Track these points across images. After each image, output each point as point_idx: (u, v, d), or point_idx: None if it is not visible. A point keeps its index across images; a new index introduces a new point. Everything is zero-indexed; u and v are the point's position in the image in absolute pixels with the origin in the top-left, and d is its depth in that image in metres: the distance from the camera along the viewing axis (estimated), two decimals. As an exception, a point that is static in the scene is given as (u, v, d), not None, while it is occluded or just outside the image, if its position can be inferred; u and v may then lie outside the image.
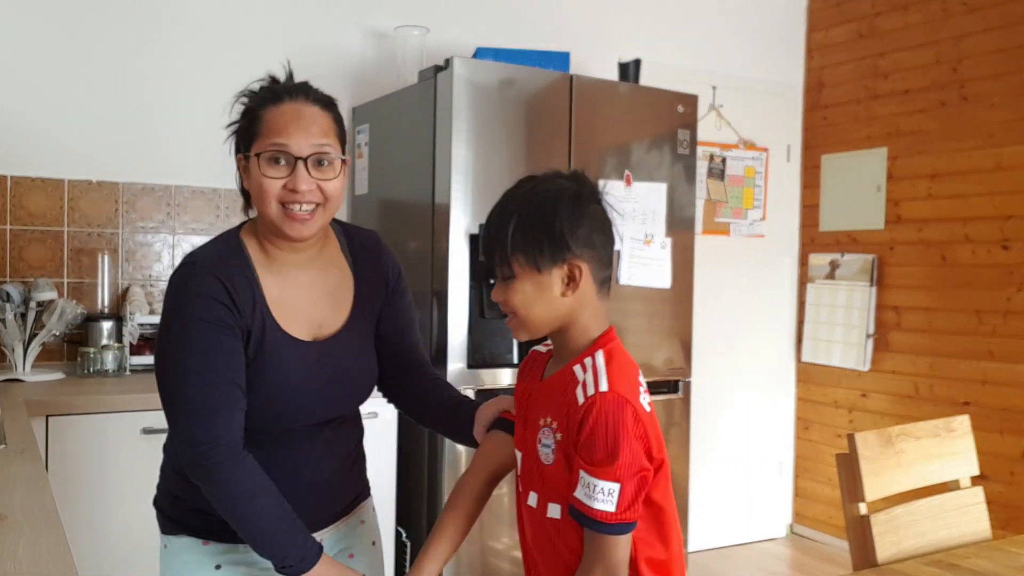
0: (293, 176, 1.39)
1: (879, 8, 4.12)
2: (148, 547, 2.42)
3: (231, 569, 1.48)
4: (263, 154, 1.40)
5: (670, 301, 3.09)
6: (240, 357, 1.39)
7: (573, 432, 1.24)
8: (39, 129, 2.94)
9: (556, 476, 1.27)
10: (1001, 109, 3.61)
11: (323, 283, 1.51)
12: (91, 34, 3.01)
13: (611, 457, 1.20)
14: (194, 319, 1.36)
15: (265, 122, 1.42)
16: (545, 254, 1.27)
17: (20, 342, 2.68)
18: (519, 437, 1.38)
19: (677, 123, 3.11)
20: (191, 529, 1.47)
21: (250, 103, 1.48)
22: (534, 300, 1.28)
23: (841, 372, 4.25)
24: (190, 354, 1.36)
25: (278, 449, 1.45)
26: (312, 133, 1.41)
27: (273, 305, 1.43)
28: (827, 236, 4.35)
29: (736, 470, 4.35)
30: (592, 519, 1.20)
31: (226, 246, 1.46)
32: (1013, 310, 3.55)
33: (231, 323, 1.38)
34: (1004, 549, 1.76)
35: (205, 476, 1.35)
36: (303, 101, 1.44)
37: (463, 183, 2.70)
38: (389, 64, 3.40)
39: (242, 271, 1.42)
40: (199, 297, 1.37)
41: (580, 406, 1.23)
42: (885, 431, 1.89)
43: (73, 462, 2.33)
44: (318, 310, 1.49)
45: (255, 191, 1.42)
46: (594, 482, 1.20)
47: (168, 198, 3.13)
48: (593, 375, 1.26)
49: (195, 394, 1.35)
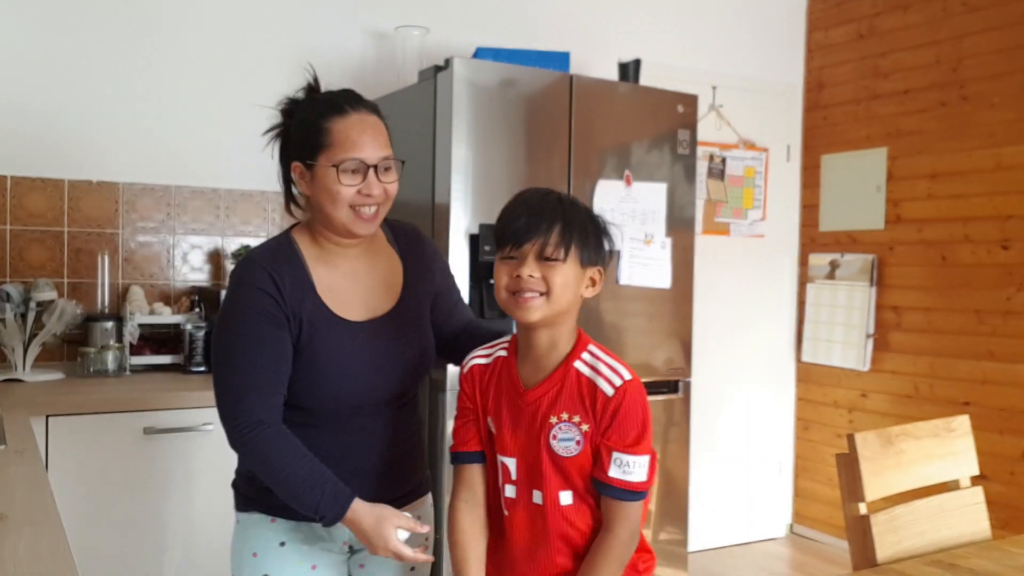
0: (367, 183, 1.54)
1: (879, 8, 4.12)
2: (148, 546, 2.44)
3: (294, 546, 1.59)
4: (341, 165, 1.52)
5: (670, 301, 3.09)
6: (282, 346, 1.52)
7: (604, 420, 1.40)
8: (39, 129, 2.94)
9: (577, 465, 1.42)
10: (1001, 109, 3.61)
11: (374, 270, 1.65)
12: (91, 35, 3.01)
13: (641, 435, 1.40)
14: (241, 307, 1.53)
15: (333, 134, 1.53)
16: (594, 255, 1.46)
17: (20, 342, 2.68)
18: (511, 446, 1.47)
19: (677, 123, 3.11)
20: (262, 506, 1.59)
21: (306, 114, 1.59)
22: (569, 286, 1.43)
23: (841, 372, 4.25)
24: (234, 338, 1.52)
25: (336, 432, 1.58)
26: (379, 144, 1.56)
27: (324, 292, 1.57)
28: (827, 236, 4.35)
29: (736, 470, 4.35)
30: (628, 491, 1.39)
31: (276, 243, 1.61)
32: (1013, 310, 3.55)
33: (275, 313, 1.52)
34: (1004, 549, 1.76)
35: (241, 447, 1.51)
36: (364, 112, 1.57)
37: (463, 183, 2.70)
38: (389, 64, 3.40)
39: (291, 263, 1.56)
40: (247, 286, 1.53)
41: (612, 397, 1.40)
42: (885, 431, 1.90)
43: (73, 462, 2.34)
44: (371, 295, 1.63)
45: (327, 197, 1.54)
46: (630, 459, 1.39)
47: (168, 198, 3.13)
48: (607, 368, 1.43)
49: (234, 374, 1.51)
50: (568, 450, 1.42)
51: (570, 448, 1.42)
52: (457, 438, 1.55)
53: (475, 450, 1.53)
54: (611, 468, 1.39)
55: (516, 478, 1.47)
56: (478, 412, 1.53)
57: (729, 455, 4.33)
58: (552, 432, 1.42)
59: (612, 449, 1.39)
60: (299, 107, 1.61)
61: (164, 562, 2.46)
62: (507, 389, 1.49)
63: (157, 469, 2.43)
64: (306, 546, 1.59)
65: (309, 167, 1.56)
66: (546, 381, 1.45)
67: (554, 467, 1.43)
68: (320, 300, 1.56)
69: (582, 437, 1.41)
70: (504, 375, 1.50)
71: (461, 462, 1.55)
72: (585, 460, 1.42)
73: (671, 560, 3.14)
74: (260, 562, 1.59)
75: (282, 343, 1.52)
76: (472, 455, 1.53)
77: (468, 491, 1.53)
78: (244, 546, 1.61)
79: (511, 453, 1.47)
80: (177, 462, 2.47)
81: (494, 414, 1.50)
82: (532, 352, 1.47)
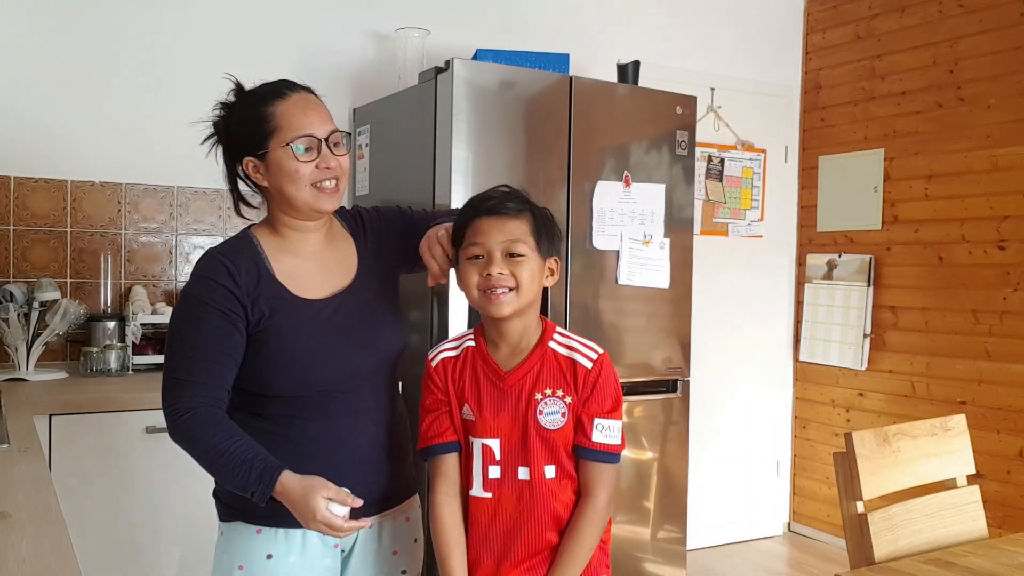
0: (322, 157, 1.56)
1: (876, 10, 4.14)
2: (149, 546, 2.45)
3: (282, 559, 1.55)
4: (295, 143, 1.54)
5: (669, 301, 3.10)
6: (230, 340, 1.52)
7: (585, 391, 1.54)
8: (42, 130, 2.95)
9: (563, 436, 1.54)
10: (998, 110, 3.63)
11: (333, 253, 1.67)
12: (93, 35, 3.02)
13: (617, 402, 1.56)
14: (192, 299, 1.54)
15: (279, 117, 1.55)
16: (550, 245, 1.58)
17: (23, 342, 2.69)
18: (494, 427, 1.55)
19: (676, 124, 3.12)
20: (245, 516, 1.57)
21: (245, 109, 1.60)
22: (534, 279, 1.54)
23: (838, 371, 4.27)
24: (180, 330, 1.54)
25: (323, 421, 1.57)
26: (324, 118, 1.59)
27: (284, 278, 1.58)
28: (824, 236, 4.37)
29: (734, 468, 4.37)
30: (611, 453, 1.54)
31: (235, 239, 1.63)
32: (1009, 310, 3.57)
33: (229, 307, 1.52)
34: (1000, 547, 1.78)
35: (173, 434, 1.51)
36: (303, 92, 1.60)
37: (463, 184, 2.71)
38: (390, 66, 3.41)
39: (248, 253, 1.58)
40: (202, 280, 1.54)
41: (591, 369, 1.55)
42: (882, 430, 1.91)
43: (76, 461, 2.34)
44: (330, 274, 1.64)
45: (287, 179, 1.55)
46: (609, 423, 1.54)
47: (170, 199, 3.14)
48: (581, 345, 1.58)
49: (176, 364, 1.52)
50: (554, 423, 1.54)
51: (556, 421, 1.54)
52: (430, 432, 1.59)
53: (451, 440, 1.58)
54: (594, 433, 1.54)
55: (500, 458, 1.54)
56: (451, 403, 1.59)
57: (727, 454, 4.34)
58: (538, 408, 1.54)
59: (594, 416, 1.54)
60: (234, 107, 1.62)
61: (165, 561, 2.47)
62: (484, 375, 1.57)
63: (159, 468, 2.44)
64: (293, 557, 1.55)
65: (261, 156, 1.56)
66: (525, 363, 1.56)
67: (541, 441, 1.54)
68: (279, 284, 1.57)
69: (567, 409, 1.54)
70: (479, 363, 1.59)
71: (438, 454, 1.59)
72: (569, 431, 1.54)
73: (670, 558, 3.15)
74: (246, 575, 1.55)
75: (230, 337, 1.52)
76: (448, 445, 1.58)
77: (447, 482, 1.58)
78: (229, 558, 1.57)
79: (494, 434, 1.55)
80: (179, 461, 2.45)
81: (472, 400, 1.57)
82: (505, 340, 1.58)
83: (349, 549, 1.65)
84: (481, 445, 1.55)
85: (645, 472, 3.09)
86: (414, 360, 2.86)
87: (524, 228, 1.54)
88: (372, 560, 1.66)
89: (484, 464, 1.55)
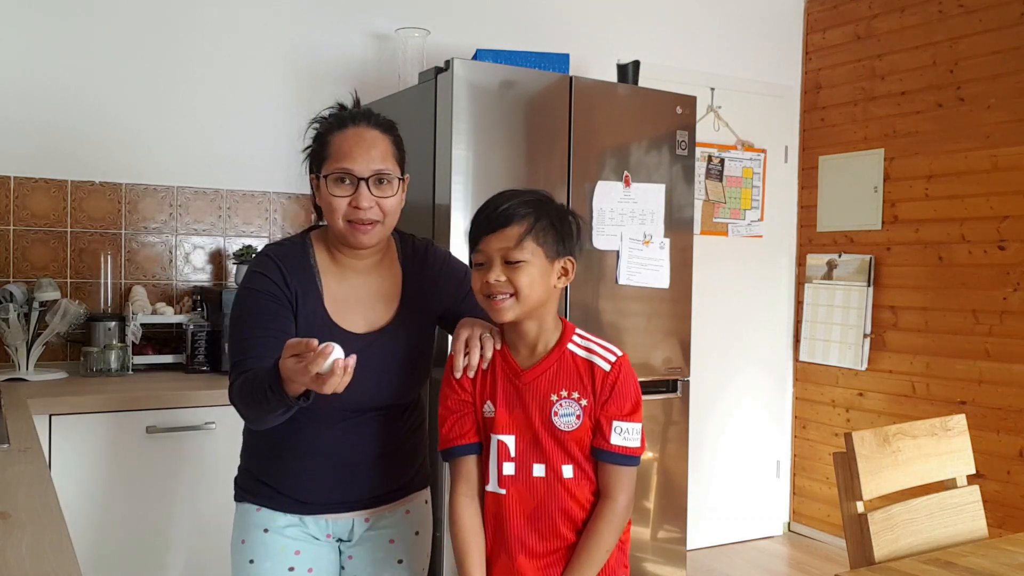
0: (357, 195, 1.58)
1: (876, 10, 4.14)
2: (150, 546, 2.45)
3: (277, 532, 1.66)
4: (330, 176, 1.59)
5: (669, 301, 3.10)
6: (281, 320, 1.59)
7: (603, 394, 1.53)
8: (42, 130, 2.95)
9: (576, 438, 1.53)
10: (997, 110, 3.63)
11: (378, 286, 1.70)
12: (94, 35, 3.02)
13: (636, 405, 1.55)
14: (245, 290, 1.63)
15: (332, 147, 1.60)
16: (555, 247, 1.53)
17: (23, 342, 2.69)
18: (510, 424, 1.56)
19: (676, 124, 3.12)
20: (250, 497, 1.69)
21: (320, 129, 1.65)
22: (537, 283, 1.51)
23: (838, 371, 4.27)
24: (236, 316, 1.63)
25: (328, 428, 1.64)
26: (373, 157, 1.59)
27: (329, 300, 1.64)
28: (824, 236, 4.37)
29: (734, 468, 4.37)
30: (629, 456, 1.53)
31: (293, 244, 1.69)
32: (1009, 310, 3.57)
33: (277, 293, 1.60)
34: (1000, 547, 1.78)
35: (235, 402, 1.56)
36: (365, 126, 1.62)
37: (463, 184, 2.71)
38: (390, 66, 3.41)
39: (303, 267, 1.64)
40: (256, 275, 1.62)
41: (609, 372, 1.54)
42: (882, 430, 1.91)
43: (76, 461, 2.34)
44: (371, 308, 1.68)
45: (326, 207, 1.61)
46: (628, 426, 1.53)
47: (170, 199, 3.14)
48: (600, 347, 1.57)
49: (235, 347, 1.60)
50: (569, 424, 1.53)
51: (571, 423, 1.53)
52: (452, 433, 1.60)
53: (472, 442, 1.60)
54: (613, 436, 1.52)
55: (515, 455, 1.55)
56: (474, 402, 1.60)
57: (727, 454, 4.34)
58: (553, 409, 1.54)
59: (612, 418, 1.53)
60: (319, 123, 1.67)
61: (166, 561, 2.47)
62: (503, 372, 1.58)
63: (159, 468, 2.44)
64: (288, 532, 1.66)
65: (317, 179, 1.63)
66: (542, 362, 1.56)
67: (554, 442, 1.54)
68: (323, 307, 1.62)
69: (582, 412, 1.53)
70: (499, 360, 1.59)
71: (458, 456, 1.60)
72: (584, 434, 1.53)
73: (670, 558, 3.15)
74: (247, 548, 1.67)
75: (286, 319, 1.60)
76: (469, 447, 1.60)
77: (467, 483, 1.60)
78: (237, 534, 1.71)
79: (509, 431, 1.56)
80: (179, 461, 2.48)
81: (492, 397, 1.58)
82: (522, 340, 1.58)
83: (345, 537, 1.71)
84: (497, 441, 1.56)
85: (645, 472, 3.09)
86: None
87: (526, 231, 1.50)
88: (368, 546, 1.72)
89: (499, 460, 1.56)
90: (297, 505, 1.66)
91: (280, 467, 1.66)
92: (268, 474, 1.67)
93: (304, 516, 1.66)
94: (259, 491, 1.67)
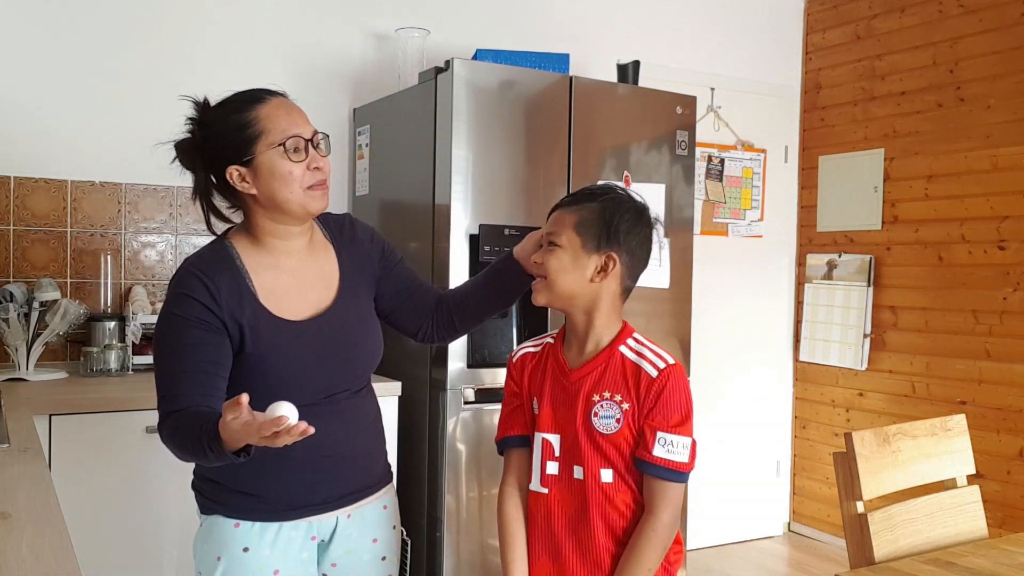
0: (311, 157, 1.55)
1: (876, 10, 4.14)
2: (149, 546, 2.45)
3: (258, 552, 1.57)
4: (286, 144, 1.53)
5: (669, 301, 3.10)
6: (217, 349, 1.52)
7: (648, 401, 1.47)
8: (42, 130, 2.95)
9: (616, 442, 1.49)
10: (997, 110, 3.63)
11: (313, 267, 1.65)
12: (94, 36, 3.02)
13: (686, 417, 1.47)
14: (170, 315, 1.53)
15: (263, 120, 1.54)
16: (596, 240, 1.50)
17: (23, 342, 2.69)
18: (553, 423, 1.54)
19: (676, 124, 3.12)
20: (224, 509, 1.59)
21: (224, 119, 1.57)
22: (567, 271, 1.49)
23: (838, 371, 4.27)
24: (162, 345, 1.54)
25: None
26: (306, 119, 1.58)
27: (265, 297, 1.57)
28: (824, 236, 4.37)
29: (734, 468, 4.37)
30: (673, 470, 1.45)
31: (212, 251, 1.61)
32: (1009, 310, 3.57)
33: (206, 319, 1.51)
34: (1000, 547, 1.78)
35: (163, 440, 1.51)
36: (280, 96, 1.59)
37: (463, 184, 2.72)
38: (390, 66, 3.41)
39: (229, 271, 1.56)
40: (179, 297, 1.53)
41: (656, 378, 1.48)
42: (882, 430, 1.91)
43: (76, 461, 2.35)
44: (312, 291, 1.63)
45: (279, 181, 1.53)
46: (674, 439, 1.45)
47: (170, 199, 3.14)
48: (652, 353, 1.51)
49: (163, 380, 1.52)
50: (608, 427, 1.49)
51: (609, 426, 1.49)
52: (503, 425, 1.62)
53: (522, 434, 1.59)
54: (655, 447, 1.46)
55: (559, 454, 1.53)
56: (524, 397, 1.60)
57: (727, 453, 4.34)
58: (593, 410, 1.50)
59: (656, 429, 1.46)
60: (209, 119, 1.60)
61: (166, 560, 2.47)
62: (552, 370, 1.57)
63: (159, 468, 2.44)
64: (268, 551, 1.58)
65: (248, 163, 1.54)
66: (591, 362, 1.53)
67: (592, 445, 1.50)
68: (261, 305, 1.56)
69: (622, 415, 1.48)
70: (551, 358, 1.59)
71: (507, 447, 1.62)
72: (623, 440, 1.48)
73: (670, 558, 3.15)
74: (224, 567, 1.57)
75: (217, 346, 1.52)
76: (519, 439, 1.60)
77: (513, 475, 1.61)
78: (209, 548, 1.60)
79: (554, 430, 1.54)
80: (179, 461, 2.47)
81: (539, 393, 1.57)
82: (574, 336, 1.56)
83: (328, 539, 1.65)
84: (541, 439, 1.55)
85: (645, 472, 3.09)
86: (414, 361, 2.87)
87: (573, 219, 1.50)
88: (353, 548, 1.67)
89: (543, 459, 1.55)
90: (280, 511, 1.58)
91: (259, 471, 1.55)
92: (244, 482, 1.57)
93: (285, 523, 1.59)
94: (235, 503, 1.57)
